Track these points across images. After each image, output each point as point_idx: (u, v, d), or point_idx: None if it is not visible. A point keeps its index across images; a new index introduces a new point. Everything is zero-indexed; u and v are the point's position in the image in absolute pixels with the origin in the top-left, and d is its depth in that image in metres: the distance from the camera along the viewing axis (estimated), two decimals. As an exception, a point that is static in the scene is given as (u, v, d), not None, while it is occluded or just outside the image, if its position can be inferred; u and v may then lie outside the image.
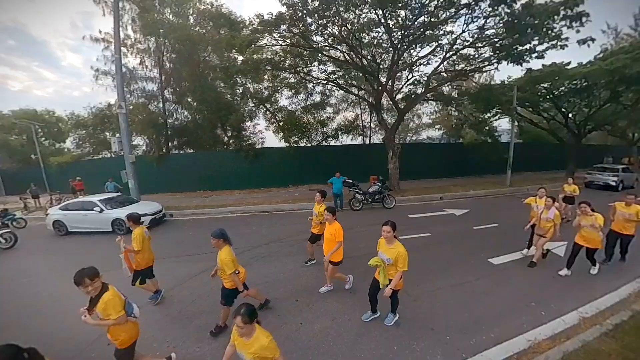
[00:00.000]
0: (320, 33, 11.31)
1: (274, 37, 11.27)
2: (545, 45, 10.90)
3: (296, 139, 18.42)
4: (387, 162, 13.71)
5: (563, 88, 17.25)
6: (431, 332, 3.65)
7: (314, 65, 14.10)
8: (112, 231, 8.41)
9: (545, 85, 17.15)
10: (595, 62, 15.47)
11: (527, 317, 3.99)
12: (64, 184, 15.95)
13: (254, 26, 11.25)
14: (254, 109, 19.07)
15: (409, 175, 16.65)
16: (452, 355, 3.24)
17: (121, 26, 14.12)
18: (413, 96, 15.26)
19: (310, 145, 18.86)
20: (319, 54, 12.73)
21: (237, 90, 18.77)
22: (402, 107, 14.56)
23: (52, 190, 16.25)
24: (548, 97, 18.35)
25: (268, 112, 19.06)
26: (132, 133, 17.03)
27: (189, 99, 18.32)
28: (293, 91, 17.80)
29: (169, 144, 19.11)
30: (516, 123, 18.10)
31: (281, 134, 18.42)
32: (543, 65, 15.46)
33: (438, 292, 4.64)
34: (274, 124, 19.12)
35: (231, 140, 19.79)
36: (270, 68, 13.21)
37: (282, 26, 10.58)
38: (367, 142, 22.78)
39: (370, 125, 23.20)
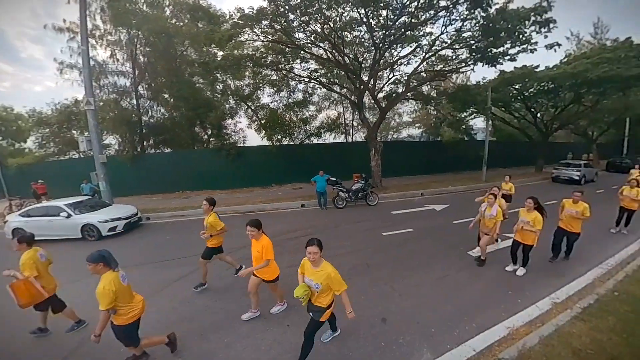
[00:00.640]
0: (302, 30, 11.19)
1: (255, 32, 10.99)
2: (517, 48, 11.51)
3: (279, 137, 18.18)
4: (370, 160, 13.88)
5: (532, 89, 18.45)
6: (417, 325, 3.72)
7: (297, 63, 13.96)
8: (82, 238, 7.81)
9: (517, 87, 18.26)
10: (560, 66, 16.69)
11: (505, 305, 4.19)
12: (25, 188, 14.65)
13: (234, 20, 10.90)
14: (234, 107, 18.57)
15: (391, 173, 16.99)
16: (437, 347, 3.33)
17: (89, 15, 13.18)
18: (394, 95, 15.55)
19: (293, 143, 18.69)
20: (302, 51, 12.60)
21: (217, 87, 18.18)
22: (384, 105, 14.79)
23: (11, 194, 14.92)
24: (519, 97, 19.54)
25: (250, 110, 18.64)
26: (102, 131, 16.05)
27: (166, 95, 17.49)
28: (275, 88, 17.52)
29: (144, 143, 18.15)
30: (490, 122, 19.00)
31: (263, 132, 18.10)
32: (515, 67, 16.39)
33: (422, 285, 4.74)
34: (256, 122, 18.75)
35: (211, 139, 19.14)
36: (251, 64, 12.91)
37: (263, 21, 10.34)
38: (350, 140, 22.96)
39: (352, 123, 23.40)
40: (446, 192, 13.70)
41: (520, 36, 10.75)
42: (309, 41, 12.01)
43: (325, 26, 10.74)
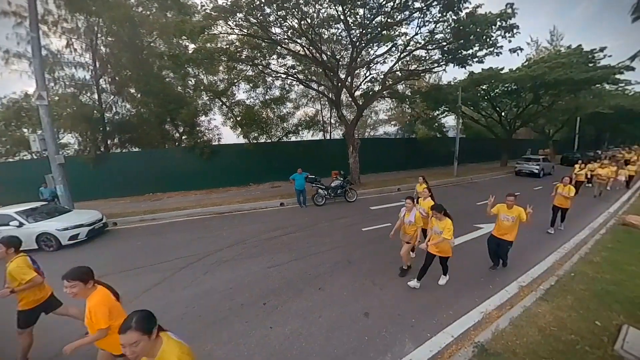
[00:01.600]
0: (279, 25, 10.95)
1: (229, 25, 10.56)
2: (484, 51, 12.20)
3: (256, 134, 17.72)
4: (348, 157, 14.02)
5: (498, 90, 19.85)
6: (398, 317, 3.83)
7: (273, 58, 13.67)
8: (39, 248, 6.98)
9: (484, 87, 19.46)
10: (522, 69, 18.06)
11: (478, 291, 4.47)
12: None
13: (206, 11, 10.40)
14: (208, 103, 17.74)
15: (369, 169, 17.31)
16: (418, 336, 3.46)
17: (39, -1, 11.87)
18: (371, 93, 15.80)
19: (270, 141, 18.33)
20: (278, 47, 12.35)
21: (189, 82, 17.22)
22: (361, 103, 14.98)
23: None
24: (486, 97, 20.88)
25: (224, 106, 17.94)
26: (59, 129, 14.63)
27: (132, 90, 16.30)
28: (251, 85, 17.02)
29: (108, 142, 16.82)
30: (461, 120, 20.04)
31: (239, 129, 17.54)
32: (482, 69, 17.41)
33: (402, 278, 4.87)
34: (232, 119, 18.10)
35: (183, 137, 18.19)
36: (225, 59, 12.39)
37: (238, 14, 9.96)
38: (328, 137, 23.03)
39: (330, 120, 23.47)
40: (421, 188, 14.23)
41: (488, 40, 11.39)
42: (286, 37, 11.79)
43: (302, 22, 10.61)
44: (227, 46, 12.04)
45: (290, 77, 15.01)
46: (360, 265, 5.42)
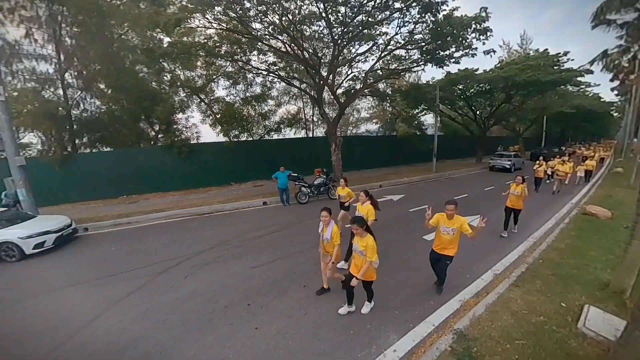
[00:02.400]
0: (259, 20, 10.72)
1: (207, 19, 10.19)
2: (461, 52, 12.68)
3: (236, 132, 17.31)
4: (330, 155, 14.09)
5: (473, 90, 20.83)
6: (381, 309, 3.92)
7: (254, 55, 13.37)
8: None
9: (460, 87, 20.33)
10: (495, 70, 19.04)
11: (457, 281, 4.69)
12: None
13: (182, 3, 9.97)
14: (185, 100, 17.04)
15: (351, 166, 17.50)
16: (401, 327, 3.57)
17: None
18: (352, 91, 15.94)
19: (252, 139, 18.01)
20: (259, 43, 12.11)
21: (164, 78, 16.47)
22: (343, 101, 15.08)
23: None
24: (462, 96, 21.84)
25: (203, 104, 17.36)
26: (18, 128, 13.47)
27: (101, 86, 15.29)
28: (231, 81, 16.58)
29: (76, 141, 15.70)
30: (439, 118, 20.77)
31: (219, 127, 17.03)
32: (458, 69, 18.13)
33: (385, 272, 4.94)
34: (211, 117, 17.55)
35: (159, 136, 17.37)
36: (203, 54, 11.96)
37: (216, 7, 9.63)
38: (310, 135, 23.00)
39: (312, 118, 23.43)
40: (402, 183, 14.66)
41: (464, 41, 11.86)
42: (267, 32, 11.57)
43: (283, 18, 10.46)
44: (205, 40, 11.62)
45: (271, 74, 14.78)
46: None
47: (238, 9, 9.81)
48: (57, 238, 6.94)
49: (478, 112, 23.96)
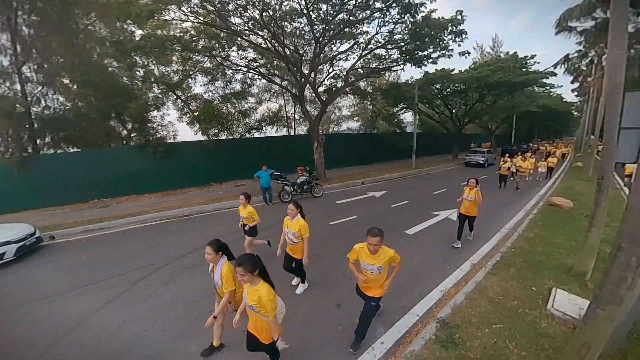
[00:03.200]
0: (239, 14, 10.44)
1: (183, 11, 9.77)
2: (438, 53, 13.17)
3: (216, 131, 16.77)
4: (313, 153, 14.10)
5: (449, 89, 21.74)
6: (368, 306, 3.98)
7: (233, 50, 13.04)
8: None
9: (437, 86, 21.13)
10: (469, 71, 19.97)
11: (438, 272, 4.90)
12: None
13: (156, -6, 9.49)
14: (160, 96, 16.20)
15: (333, 164, 17.62)
16: (387, 319, 3.67)
17: None
18: (334, 89, 16.02)
19: (232, 138, 17.55)
20: (238, 38, 11.80)
21: (137, 72, 15.60)
22: (325, 99, 15.11)
23: None
24: (439, 96, 22.72)
25: (179, 100, 16.65)
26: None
27: (65, 80, 14.21)
28: (209, 77, 16.04)
29: (38, 141, 14.45)
30: (417, 116, 21.45)
31: (197, 125, 16.44)
32: (436, 69, 18.79)
33: (370, 268, 5.07)
34: (188, 115, 16.90)
35: (133, 134, 16.45)
36: (179, 48, 11.47)
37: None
38: (292, 133, 22.85)
39: (294, 116, 23.30)
40: (383, 180, 14.98)
41: (441, 42, 12.33)
42: (246, 27, 11.31)
43: (264, 13, 10.26)
44: (181, 34, 11.16)
45: (251, 71, 14.49)
46: (330, 259, 5.51)
47: (216, 2, 9.51)
48: (19, 249, 6.29)
49: (454, 111, 25.04)
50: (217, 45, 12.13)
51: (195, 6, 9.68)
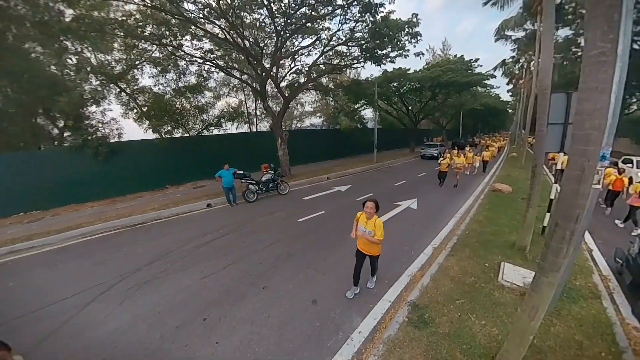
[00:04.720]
0: (193, 0, 9.66)
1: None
2: (395, 53, 13.79)
3: (168, 128, 15.44)
4: (277, 149, 13.84)
5: (405, 87, 23.15)
6: (343, 297, 4.06)
7: (186, 39, 12.03)
8: None
9: (395, 84, 22.29)
10: (423, 71, 21.46)
11: (404, 258, 5.22)
12: None
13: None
14: (100, 89, 14.02)
15: (298, 161, 17.49)
16: (362, 309, 3.78)
17: None
18: (296, 85, 15.86)
19: (188, 135, 16.32)
20: (192, 26, 10.93)
21: (69, 60, 13.45)
22: (287, 94, 14.88)
23: None
24: (397, 93, 24.04)
25: (124, 94, 14.88)
26: None
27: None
28: (159, 68, 14.60)
29: None
30: (377, 112, 22.41)
31: (147, 122, 14.85)
32: (393, 68, 19.78)
33: (341, 261, 5.16)
34: (135, 110, 15.22)
35: (66, 134, 14.21)
36: (122, 34, 10.19)
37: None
38: (255, 130, 22.14)
39: (256, 112, 22.56)
40: (348, 174, 15.38)
41: (398, 42, 12.96)
42: (201, 15, 10.50)
43: (221, 1, 9.63)
44: (124, 18, 9.92)
45: (208, 63, 13.57)
46: (302, 256, 5.47)
47: (164, -16, 8.65)
48: None
49: (410, 108, 26.73)
50: (167, 32, 11.04)
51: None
